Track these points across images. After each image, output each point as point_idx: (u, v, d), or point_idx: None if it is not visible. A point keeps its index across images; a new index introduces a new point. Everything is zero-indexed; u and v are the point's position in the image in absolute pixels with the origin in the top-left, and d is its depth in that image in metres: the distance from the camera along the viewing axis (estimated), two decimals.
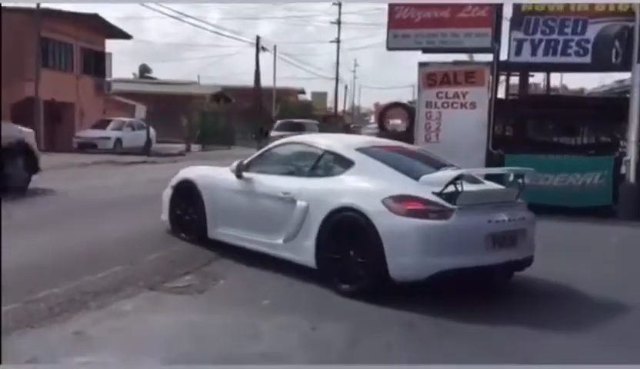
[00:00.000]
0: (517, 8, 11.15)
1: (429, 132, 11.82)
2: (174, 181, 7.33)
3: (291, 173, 6.23)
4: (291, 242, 5.73)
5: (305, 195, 5.68)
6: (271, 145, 6.83)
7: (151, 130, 28.48)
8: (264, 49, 41.96)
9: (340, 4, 54.93)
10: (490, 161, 11.07)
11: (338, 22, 55.43)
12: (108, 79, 34.47)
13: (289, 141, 6.80)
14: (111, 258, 6.08)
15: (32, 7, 26.60)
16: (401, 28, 11.73)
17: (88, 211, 9.13)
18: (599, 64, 11.21)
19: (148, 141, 26.65)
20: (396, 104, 14.67)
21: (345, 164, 5.78)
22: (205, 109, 36.26)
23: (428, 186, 5.21)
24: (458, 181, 5.09)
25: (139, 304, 4.84)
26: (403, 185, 5.31)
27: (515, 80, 14.46)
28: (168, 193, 7.32)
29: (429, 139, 11.79)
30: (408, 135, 11.86)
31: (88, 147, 25.56)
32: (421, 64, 11.86)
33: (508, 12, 11.31)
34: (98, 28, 31.56)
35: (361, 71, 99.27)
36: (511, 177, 5.81)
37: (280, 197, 5.88)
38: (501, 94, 13.14)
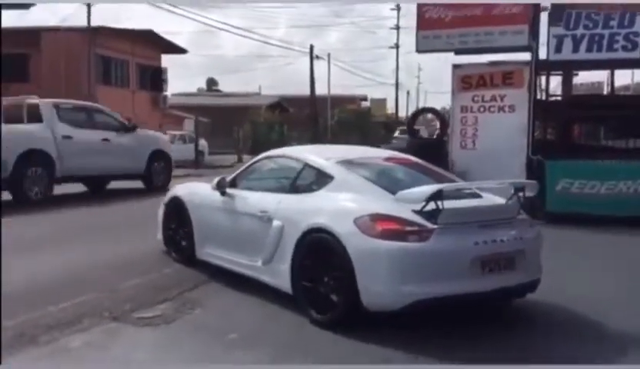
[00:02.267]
0: (556, 1, 10.25)
1: (465, 138, 11.08)
2: (166, 199, 7.00)
3: (271, 189, 5.76)
4: (269, 265, 5.25)
5: (280, 214, 5.20)
6: (255, 159, 6.35)
7: (203, 142, 28.71)
8: (317, 58, 41.71)
9: (399, 8, 54.29)
10: (530, 168, 10.21)
11: (397, 27, 54.75)
12: (165, 93, 35.21)
13: (272, 154, 6.30)
14: (90, 283, 5.79)
15: (85, 26, 27.35)
16: (431, 28, 11.07)
17: (93, 232, 8.93)
18: None
19: (198, 154, 26.81)
20: (427, 110, 13.92)
21: (324, 179, 5.22)
22: (259, 120, 36.35)
23: (407, 203, 4.55)
24: (439, 197, 4.42)
25: (91, 338, 4.47)
26: (380, 203, 4.67)
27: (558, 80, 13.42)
28: (161, 210, 7.02)
29: (465, 146, 11.07)
30: (439, 143, 11.16)
31: None
32: (455, 67, 11.15)
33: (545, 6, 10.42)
34: (153, 43, 32.31)
35: (427, 76, 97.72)
36: (512, 191, 4.97)
37: (258, 216, 5.42)
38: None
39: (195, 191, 6.76)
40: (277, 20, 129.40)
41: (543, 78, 12.16)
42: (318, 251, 4.74)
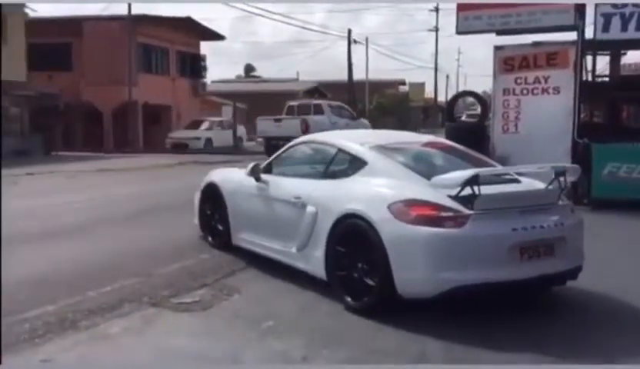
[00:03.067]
0: None
1: (507, 122, 10.80)
2: (202, 184, 7.02)
3: (306, 175, 5.75)
4: (303, 251, 5.22)
5: (314, 200, 5.15)
6: (289, 144, 6.27)
7: (242, 128, 28.86)
8: (356, 42, 41.35)
9: None
10: (575, 152, 9.89)
11: (436, 9, 53.79)
12: (204, 80, 35.49)
13: (307, 139, 6.31)
14: (129, 268, 5.85)
15: (126, 14, 27.66)
16: (472, 9, 10.77)
17: (124, 218, 9.03)
18: None
19: (237, 139, 26.97)
20: (467, 93, 13.58)
21: (358, 164, 5.14)
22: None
23: (443, 188, 4.44)
24: (476, 182, 4.28)
25: (130, 324, 4.50)
26: (415, 188, 4.57)
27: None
28: (197, 196, 7.07)
29: (507, 130, 10.79)
30: (480, 127, 10.90)
31: (180, 147, 26.32)
32: (497, 48, 10.86)
33: None
34: (192, 31, 32.52)
35: (467, 59, 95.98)
36: (552, 175, 4.78)
37: (292, 202, 5.39)
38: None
39: (230, 177, 6.75)
40: (315, 5, 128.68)
41: (589, 59, 11.72)
42: (352, 237, 4.67)
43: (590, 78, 11.71)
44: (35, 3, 25.73)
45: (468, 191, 4.30)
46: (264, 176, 5.98)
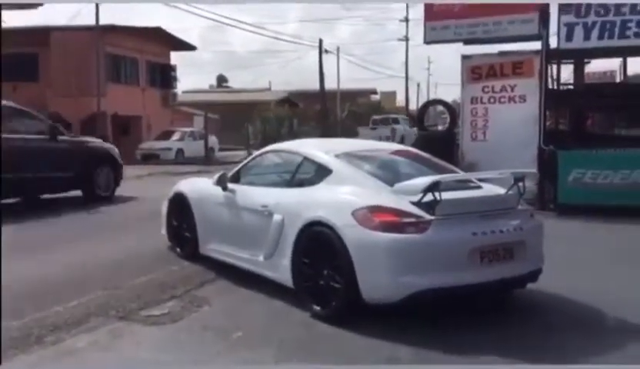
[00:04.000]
0: None
1: (475, 130, 10.96)
2: (170, 194, 7.01)
3: (272, 184, 5.84)
4: (271, 259, 5.26)
5: (280, 208, 5.21)
6: (256, 154, 6.42)
7: (213, 138, 28.69)
8: (327, 52, 41.57)
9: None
10: (542, 159, 10.07)
11: (406, 20, 54.36)
12: (175, 90, 35.22)
13: (273, 148, 6.35)
14: (97, 281, 5.75)
15: (94, 24, 27.36)
16: (439, 19, 10.93)
17: (91, 230, 8.91)
18: None
19: (208, 150, 26.82)
20: (436, 102, 13.76)
21: (323, 172, 5.21)
22: (269, 115, 36.31)
23: (405, 195, 4.55)
24: (437, 188, 4.40)
25: (97, 338, 4.43)
26: (378, 195, 4.68)
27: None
28: (165, 206, 7.06)
29: (476, 138, 10.95)
30: (450, 134, 11.03)
31: (150, 158, 26.03)
32: (464, 58, 11.04)
33: None
34: (162, 40, 32.27)
35: (438, 68, 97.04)
36: (512, 181, 4.92)
37: (259, 210, 5.43)
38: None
39: (197, 186, 6.76)
40: (287, 15, 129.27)
41: (554, 67, 11.97)
42: (318, 244, 4.72)
43: (555, 87, 11.95)
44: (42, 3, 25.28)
45: (429, 197, 4.40)
46: (231, 185, 6.00)
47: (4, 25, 31.06)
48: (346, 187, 4.91)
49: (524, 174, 4.95)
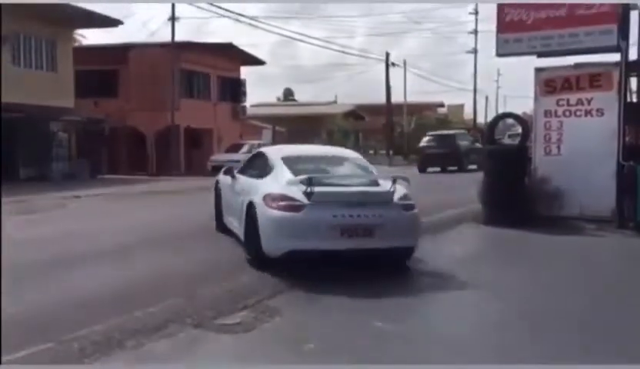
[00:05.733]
0: None
1: (549, 144, 10.65)
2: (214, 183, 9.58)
3: (251, 175, 7.84)
4: (239, 224, 7.55)
5: (244, 192, 7.51)
6: (252, 154, 9.01)
7: None
8: (394, 65, 41.49)
9: (477, 12, 53.16)
10: (620, 175, 9.68)
11: (475, 32, 53.60)
12: (244, 104, 36.07)
13: (260, 151, 8.52)
14: (173, 290, 5.96)
15: (170, 41, 28.42)
16: (512, 31, 10.72)
17: (168, 239, 9.20)
18: None
19: None
20: (507, 115, 13.45)
21: (270, 169, 7.31)
22: (333, 128, 36.59)
23: (297, 186, 6.48)
24: (310, 183, 6.36)
25: (174, 344, 4.58)
26: (283, 185, 6.66)
27: None
28: (213, 193, 9.50)
29: (549, 152, 10.64)
30: (521, 148, 10.76)
31: (220, 169, 26.66)
32: (537, 70, 10.76)
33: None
34: (233, 56, 33.20)
35: (507, 80, 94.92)
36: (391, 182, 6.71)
37: (239, 193, 7.79)
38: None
39: (222, 175, 9.12)
40: (355, 29, 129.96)
41: (634, 80, 11.50)
42: (250, 215, 6.94)
43: (635, 100, 11.47)
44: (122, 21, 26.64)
45: (310, 189, 6.34)
46: (237, 175, 8.26)
47: (85, 43, 32.83)
48: (271, 179, 7.05)
49: (397, 178, 6.77)
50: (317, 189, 6.32)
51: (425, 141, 28.45)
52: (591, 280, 6.63)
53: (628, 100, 10.67)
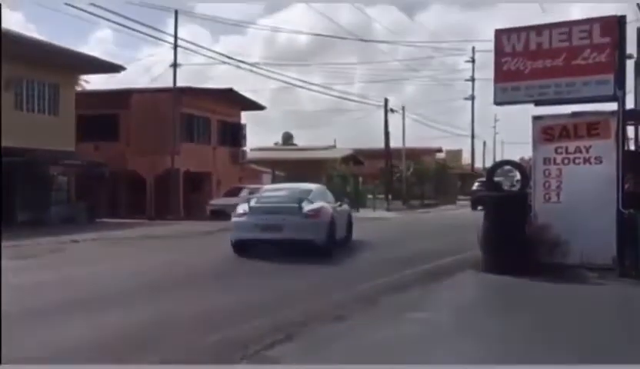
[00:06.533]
0: None
1: (549, 191, 10.67)
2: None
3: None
4: None
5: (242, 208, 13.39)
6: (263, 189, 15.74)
7: None
8: (392, 111, 41.95)
9: (473, 61, 54.06)
10: (621, 222, 9.68)
11: (472, 79, 54.43)
12: (244, 148, 36.25)
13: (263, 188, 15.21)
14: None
15: (171, 86, 28.76)
16: (510, 80, 10.87)
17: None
18: None
19: None
20: (506, 163, 13.55)
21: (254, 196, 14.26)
22: (332, 173, 36.67)
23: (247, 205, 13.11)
24: (250, 204, 12.96)
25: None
26: (246, 204, 13.23)
27: None
28: None
29: (549, 199, 10.65)
30: (521, 195, 10.78)
31: (220, 214, 26.61)
32: (535, 118, 10.85)
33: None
34: (233, 101, 33.53)
35: (504, 126, 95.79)
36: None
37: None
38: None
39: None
40: (354, 75, 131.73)
41: (631, 128, 11.62)
42: None
43: (633, 148, 11.57)
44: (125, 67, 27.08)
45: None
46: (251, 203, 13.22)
47: (89, 87, 33.21)
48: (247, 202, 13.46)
49: (303, 198, 12.82)
50: (252, 205, 12.85)
51: (476, 185, 36.17)
52: (588, 331, 6.49)
53: (626, 148, 10.75)
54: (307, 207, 12.28)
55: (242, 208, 12.73)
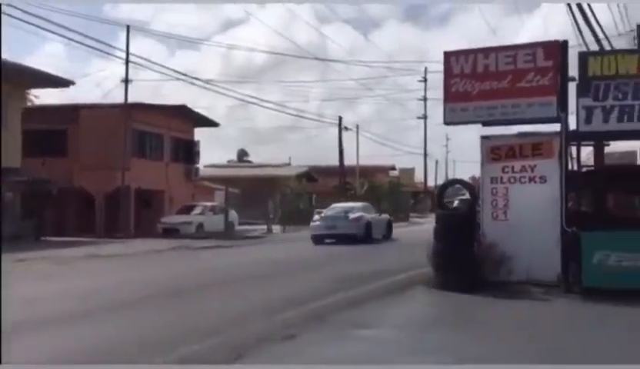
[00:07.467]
0: (583, 73, 10.23)
1: (496, 210, 10.89)
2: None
3: None
4: None
5: None
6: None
7: (233, 213, 28.92)
8: (347, 129, 42.34)
9: (425, 80, 55.21)
10: (565, 240, 9.96)
11: (424, 99, 55.55)
12: (197, 165, 35.89)
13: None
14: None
15: (122, 102, 28.31)
16: (458, 101, 11.11)
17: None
18: None
19: (228, 224, 26.99)
20: (455, 181, 13.85)
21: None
22: (286, 190, 36.64)
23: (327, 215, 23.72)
24: (320, 214, 24.06)
25: None
26: (317, 217, 24.09)
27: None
28: None
29: (496, 217, 10.87)
30: (470, 214, 11.00)
31: (171, 232, 26.23)
32: (483, 138, 11.11)
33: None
34: (187, 117, 33.25)
35: (456, 145, 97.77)
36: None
37: None
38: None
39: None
40: (310, 93, 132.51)
41: (574, 148, 12.01)
42: None
43: (576, 167, 11.95)
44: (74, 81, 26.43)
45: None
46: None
47: (37, 102, 32.34)
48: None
49: (349, 210, 23.37)
50: (321, 216, 22.91)
51: (455, 203, 39.80)
52: (531, 345, 6.64)
53: (569, 168, 11.11)
54: (351, 215, 22.33)
55: (316, 218, 23.39)
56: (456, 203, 19.73)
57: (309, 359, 5.91)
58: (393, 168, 62.77)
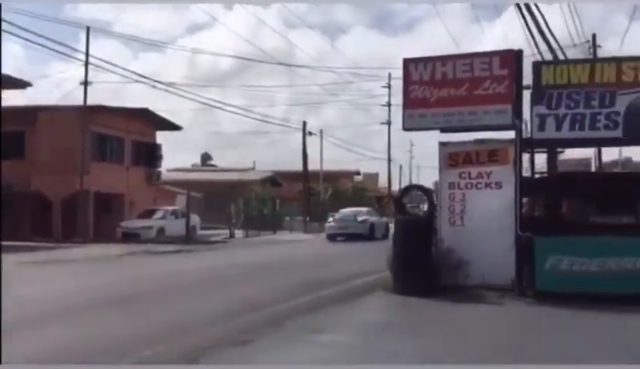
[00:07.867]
0: (537, 82, 10.50)
1: (453, 215, 11.07)
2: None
3: None
4: None
5: None
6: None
7: (195, 217, 28.65)
8: (311, 134, 42.44)
9: (389, 86, 55.66)
10: (519, 245, 10.17)
11: (388, 104, 55.94)
12: (159, 169, 35.45)
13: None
14: None
15: (81, 104, 27.80)
16: (417, 107, 11.26)
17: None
18: (633, 137, 10.34)
19: (190, 229, 26.73)
20: (414, 187, 14.02)
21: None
22: (250, 195, 36.49)
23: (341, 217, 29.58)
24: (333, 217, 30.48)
25: None
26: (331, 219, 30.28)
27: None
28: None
29: (453, 223, 11.05)
30: (429, 219, 11.14)
31: (131, 236, 25.84)
32: (441, 144, 11.29)
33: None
34: (148, 121, 32.83)
35: (420, 151, 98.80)
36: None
37: None
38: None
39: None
40: (275, 98, 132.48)
41: (528, 155, 12.30)
42: None
43: (530, 174, 12.24)
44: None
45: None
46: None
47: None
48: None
49: (357, 214, 29.48)
50: (334, 218, 28.87)
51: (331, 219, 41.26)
52: (484, 346, 6.79)
53: (524, 174, 11.35)
54: (359, 218, 27.93)
55: (331, 219, 28.93)
56: (426, 207, 19.89)
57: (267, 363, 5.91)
58: (358, 173, 63.13)
